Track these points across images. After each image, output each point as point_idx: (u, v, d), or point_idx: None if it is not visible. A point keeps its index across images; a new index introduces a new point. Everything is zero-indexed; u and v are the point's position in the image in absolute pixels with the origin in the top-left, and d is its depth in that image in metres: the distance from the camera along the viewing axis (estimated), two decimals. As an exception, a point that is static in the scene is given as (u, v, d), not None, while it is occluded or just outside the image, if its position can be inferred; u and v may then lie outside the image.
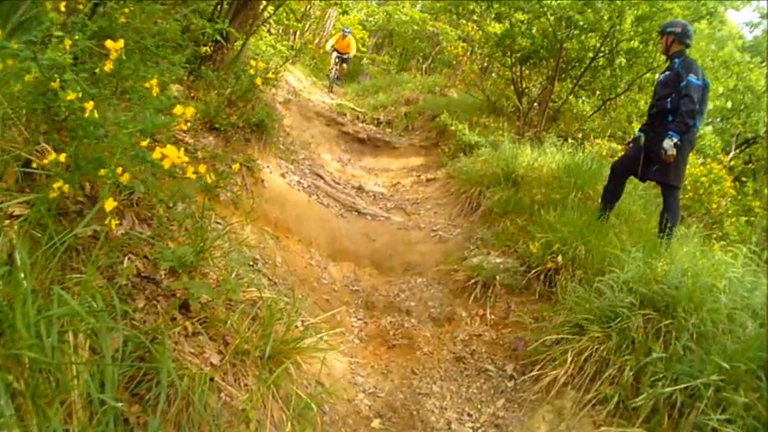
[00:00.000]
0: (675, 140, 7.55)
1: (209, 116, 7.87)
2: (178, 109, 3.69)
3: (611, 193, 7.92)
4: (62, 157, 3.16)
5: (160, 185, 4.25)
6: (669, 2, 13.96)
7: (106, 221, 3.49)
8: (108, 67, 3.52)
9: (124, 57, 3.66)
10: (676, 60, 8.18)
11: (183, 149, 3.55)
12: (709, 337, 4.89)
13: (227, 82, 8.63)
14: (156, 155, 3.40)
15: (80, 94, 3.31)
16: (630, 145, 8.86)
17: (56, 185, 3.13)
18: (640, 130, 8.75)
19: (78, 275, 3.13)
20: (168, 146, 3.48)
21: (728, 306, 5.13)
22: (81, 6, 4.12)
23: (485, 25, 18.16)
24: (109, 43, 3.51)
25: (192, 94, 7.85)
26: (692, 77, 7.78)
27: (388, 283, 7.89)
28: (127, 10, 4.59)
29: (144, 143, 3.76)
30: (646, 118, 8.94)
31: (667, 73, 8.30)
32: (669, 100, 8.01)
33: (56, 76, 3.35)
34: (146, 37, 4.69)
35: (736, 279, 5.60)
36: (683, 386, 4.50)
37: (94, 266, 3.21)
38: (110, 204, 3.25)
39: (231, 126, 8.21)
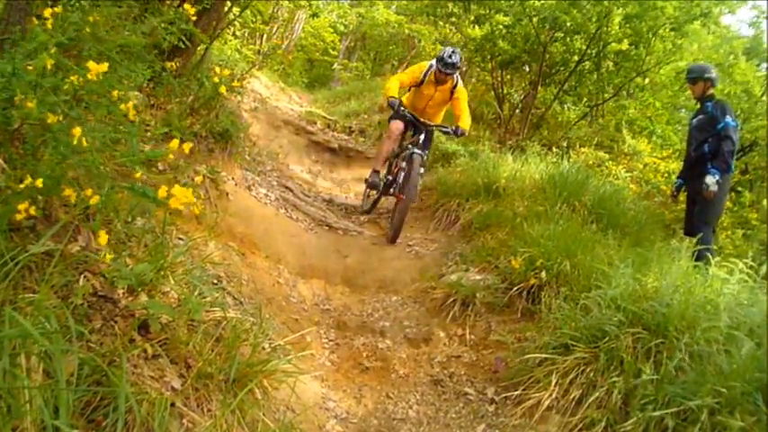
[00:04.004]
0: (717, 178, 8.06)
1: (171, 125, 7.84)
2: (174, 143, 3.71)
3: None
4: (39, 183, 3.18)
5: (118, 199, 4.26)
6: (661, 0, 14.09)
7: (100, 256, 3.51)
8: (79, 84, 3.54)
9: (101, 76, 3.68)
10: (709, 104, 8.83)
11: (141, 162, 3.57)
12: (704, 357, 4.90)
13: (190, 89, 8.60)
14: (162, 192, 3.41)
15: (60, 117, 3.34)
16: (675, 193, 9.65)
17: (22, 207, 3.15)
18: (679, 177, 9.25)
19: (31, 295, 3.13)
20: (177, 186, 3.49)
21: (724, 324, 5.16)
22: (46, 14, 4.13)
23: (464, 28, 18.20)
24: (92, 65, 3.53)
25: (153, 102, 7.84)
26: (729, 119, 8.46)
27: (361, 302, 7.90)
28: (91, 19, 4.60)
29: (138, 174, 3.79)
30: (683, 165, 9.45)
31: (701, 117, 8.91)
32: (707, 144, 8.45)
33: (33, 96, 3.38)
34: (110, 47, 4.70)
35: (732, 295, 5.64)
36: (675, 409, 4.52)
37: (48, 285, 3.21)
38: (104, 238, 3.28)
39: (194, 135, 8.17)
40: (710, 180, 8.23)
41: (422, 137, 10.58)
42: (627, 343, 5.20)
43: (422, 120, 10.83)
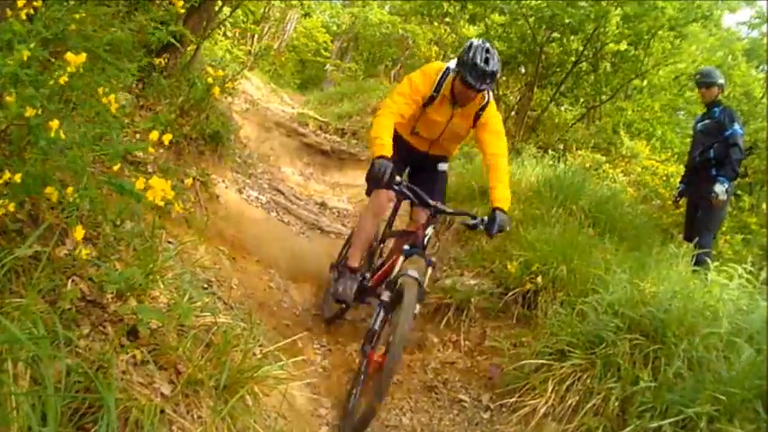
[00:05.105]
0: (726, 186, 8.12)
1: (160, 127, 7.78)
2: (154, 134, 3.71)
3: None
4: (17, 177, 3.16)
5: (106, 202, 4.25)
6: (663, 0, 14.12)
7: (76, 252, 3.49)
8: (63, 79, 3.53)
9: (82, 70, 3.67)
10: (716, 109, 8.96)
11: (130, 164, 3.56)
12: (702, 363, 4.90)
13: (180, 90, 8.58)
14: (140, 184, 3.40)
15: (39, 111, 3.33)
16: (678, 199, 9.80)
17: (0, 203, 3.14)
18: (681, 182, 9.32)
19: (18, 299, 3.12)
20: (154, 177, 3.48)
21: (723, 330, 5.16)
22: (32, 11, 4.12)
23: (459, 28, 18.22)
24: (70, 56, 3.53)
25: (142, 104, 7.82)
26: (737, 127, 8.61)
27: (353, 307, 7.88)
28: (78, 16, 4.59)
29: (116, 167, 3.77)
30: (684, 170, 9.54)
31: (707, 122, 9.03)
32: (712, 149, 8.51)
33: (12, 90, 3.37)
34: (97, 45, 4.70)
35: (732, 301, 5.65)
36: (673, 418, 4.53)
37: (36, 290, 3.21)
38: (80, 233, 3.26)
39: (184, 137, 8.16)
40: (720, 189, 8.30)
41: (428, 231, 6.16)
42: (624, 349, 5.21)
43: (432, 201, 6.12)
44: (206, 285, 5.80)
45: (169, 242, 5.73)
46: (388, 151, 5.87)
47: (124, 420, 3.04)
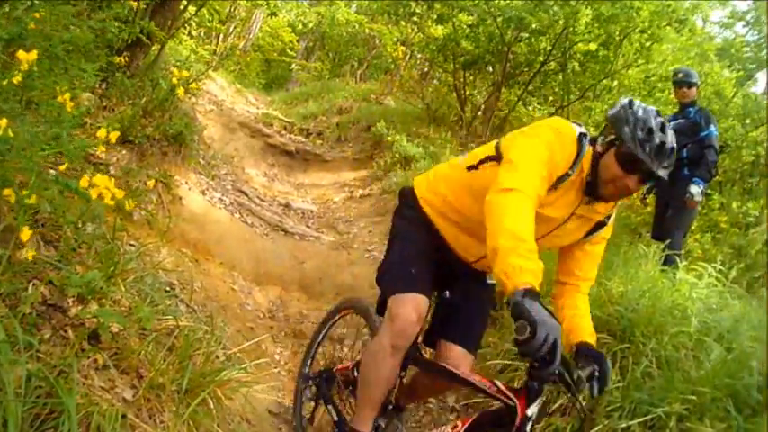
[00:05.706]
0: (702, 188, 8.28)
1: (123, 128, 7.77)
2: (102, 131, 3.69)
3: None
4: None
5: (68, 204, 4.24)
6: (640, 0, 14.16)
7: (24, 252, 3.49)
8: (17, 79, 3.52)
9: (36, 68, 3.66)
10: (691, 109, 8.96)
11: (93, 167, 3.55)
12: (671, 362, 4.95)
13: (143, 90, 8.54)
14: (84, 182, 3.39)
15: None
16: (645, 195, 9.62)
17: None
18: None
19: (-23, 304, 3.12)
20: (98, 175, 3.48)
21: (692, 329, 5.20)
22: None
23: (426, 27, 18.25)
24: (21, 54, 3.52)
25: (105, 104, 7.78)
26: (713, 128, 8.71)
27: (318, 309, 7.86)
28: (37, 15, 4.58)
29: (63, 167, 3.76)
30: None
31: (681, 121, 8.93)
32: (686, 149, 8.51)
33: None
34: (56, 44, 4.68)
35: (701, 300, 5.69)
36: (642, 417, 4.56)
37: (-5, 294, 3.20)
38: (26, 234, 3.25)
39: (146, 138, 8.10)
40: (696, 190, 8.33)
41: (531, 412, 3.28)
42: (592, 348, 5.25)
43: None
44: (168, 288, 5.78)
45: (131, 244, 5.71)
46: (536, 279, 3.15)
47: (86, 426, 3.03)
